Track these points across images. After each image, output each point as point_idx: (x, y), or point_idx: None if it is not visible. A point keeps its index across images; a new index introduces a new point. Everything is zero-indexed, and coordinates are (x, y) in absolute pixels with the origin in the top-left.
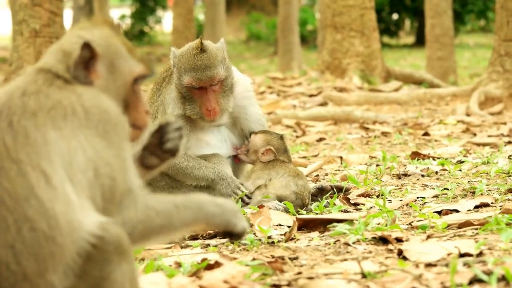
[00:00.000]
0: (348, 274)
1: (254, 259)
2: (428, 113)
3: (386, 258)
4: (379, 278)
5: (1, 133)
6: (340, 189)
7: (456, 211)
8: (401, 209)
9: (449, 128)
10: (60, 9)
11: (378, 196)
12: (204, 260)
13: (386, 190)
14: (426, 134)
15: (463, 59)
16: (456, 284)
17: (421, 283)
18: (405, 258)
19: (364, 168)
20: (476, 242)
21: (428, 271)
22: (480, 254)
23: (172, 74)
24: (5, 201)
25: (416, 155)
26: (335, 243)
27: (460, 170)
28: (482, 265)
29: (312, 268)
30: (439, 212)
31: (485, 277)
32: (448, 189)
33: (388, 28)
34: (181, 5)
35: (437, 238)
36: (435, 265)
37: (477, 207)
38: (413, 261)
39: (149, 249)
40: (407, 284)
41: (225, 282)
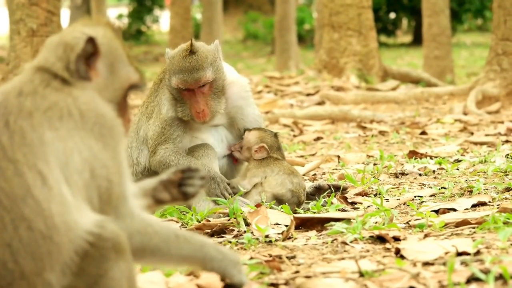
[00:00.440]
0: (346, 273)
1: (251, 258)
2: (426, 112)
3: (384, 257)
4: (376, 277)
5: None
6: (337, 188)
7: (454, 210)
8: (398, 208)
9: (446, 127)
10: (57, 8)
11: (375, 195)
12: None
13: (383, 189)
14: (424, 133)
15: (460, 58)
16: (454, 283)
17: (418, 282)
18: (402, 257)
19: (362, 167)
20: (474, 241)
21: (426, 270)
22: (478, 253)
23: None
24: (2, 200)
25: (413, 154)
26: (332, 242)
27: (458, 169)
28: (480, 264)
29: (309, 267)
30: (437, 211)
31: (482, 276)
32: (445, 188)
33: (385, 27)
34: (178, 4)
35: (434, 237)
36: (433, 264)
37: (474, 206)
38: (411, 260)
39: None
40: (405, 283)
41: (222, 281)
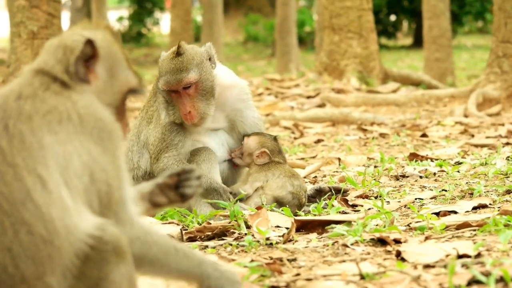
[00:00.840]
0: (347, 275)
1: (252, 261)
2: (426, 115)
3: (385, 259)
4: (377, 280)
5: None
6: (338, 191)
7: (454, 212)
8: (399, 211)
9: (447, 129)
10: (57, 10)
11: (376, 198)
12: None
13: (384, 191)
14: (424, 135)
15: (461, 61)
16: (455, 286)
17: (419, 285)
18: (403, 260)
19: (362, 170)
20: (474, 243)
21: (427, 272)
22: (479, 255)
23: None
24: (2, 204)
25: (414, 157)
26: (333, 244)
27: (458, 172)
28: (481, 266)
29: (310, 269)
30: (437, 214)
31: (483, 278)
32: (446, 191)
33: (386, 30)
34: (178, 6)
35: (435, 240)
36: (434, 266)
37: (475, 209)
38: (412, 263)
39: None
40: (406, 285)
41: None
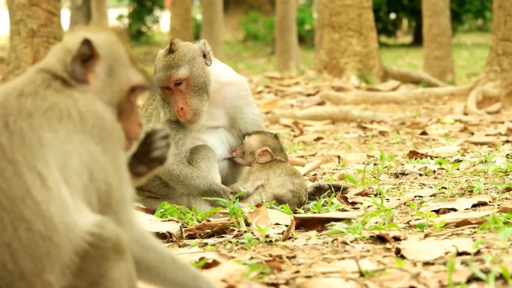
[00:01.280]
0: (346, 272)
1: (252, 258)
2: (426, 113)
3: (384, 257)
4: (377, 277)
5: None
6: (338, 188)
7: (454, 210)
8: (398, 208)
9: (446, 127)
10: (57, 9)
11: (376, 195)
12: (202, 259)
13: (383, 189)
14: (424, 133)
15: (460, 59)
16: (454, 283)
17: (419, 282)
18: (403, 257)
19: (362, 167)
20: (474, 240)
21: (426, 269)
22: (478, 252)
23: None
24: (2, 201)
25: (413, 154)
26: (333, 242)
27: (458, 169)
28: (480, 264)
29: (310, 266)
30: (437, 211)
31: (483, 276)
32: (445, 188)
33: (385, 28)
34: (178, 5)
35: (435, 237)
36: (433, 264)
37: (474, 206)
38: (411, 260)
39: None
40: (405, 282)
41: (223, 281)
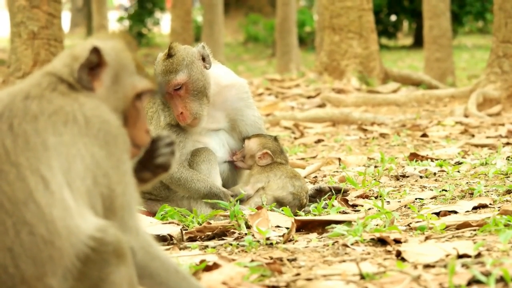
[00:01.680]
0: (347, 275)
1: (252, 261)
2: (426, 115)
3: (385, 259)
4: (377, 279)
5: (1, 136)
6: (338, 191)
7: (455, 212)
8: (399, 210)
9: (447, 129)
10: (58, 11)
11: (376, 198)
12: (202, 261)
13: (384, 191)
14: (424, 135)
15: (461, 61)
16: (455, 285)
17: (419, 284)
18: (403, 259)
19: (363, 170)
20: (475, 243)
21: (427, 272)
22: (479, 255)
23: None
24: (4, 204)
25: (414, 157)
26: (333, 244)
27: (459, 172)
28: (481, 266)
29: (310, 269)
30: (438, 214)
31: (483, 278)
32: (446, 190)
33: (386, 30)
34: (179, 7)
35: (435, 239)
36: (434, 266)
37: (475, 208)
38: (412, 262)
39: None
40: (406, 285)
41: (223, 283)
